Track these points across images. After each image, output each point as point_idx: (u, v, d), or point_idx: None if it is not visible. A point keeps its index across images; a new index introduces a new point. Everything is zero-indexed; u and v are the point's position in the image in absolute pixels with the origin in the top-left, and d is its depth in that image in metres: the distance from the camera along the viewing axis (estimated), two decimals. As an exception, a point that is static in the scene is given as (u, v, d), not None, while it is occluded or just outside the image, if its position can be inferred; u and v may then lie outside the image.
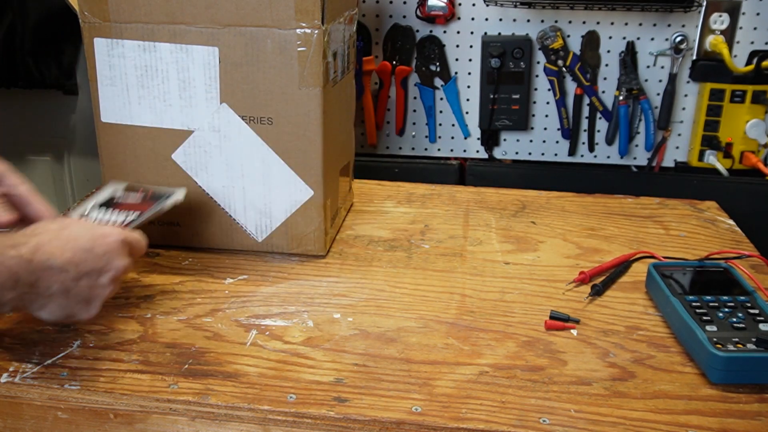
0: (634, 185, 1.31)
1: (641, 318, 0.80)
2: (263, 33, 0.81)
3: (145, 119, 0.87)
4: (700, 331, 0.70)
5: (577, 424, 0.62)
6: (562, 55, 1.32)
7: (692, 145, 1.35)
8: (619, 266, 0.90)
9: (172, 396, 0.65)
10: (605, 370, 0.70)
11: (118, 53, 0.85)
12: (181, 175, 0.89)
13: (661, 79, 1.32)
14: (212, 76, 0.84)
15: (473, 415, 0.63)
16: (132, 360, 0.70)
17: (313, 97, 0.83)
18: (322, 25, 0.80)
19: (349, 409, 0.63)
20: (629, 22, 1.30)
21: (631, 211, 1.08)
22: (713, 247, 0.96)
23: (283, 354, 0.71)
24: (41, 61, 1.45)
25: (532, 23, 1.31)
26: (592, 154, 1.39)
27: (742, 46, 1.29)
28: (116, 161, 0.90)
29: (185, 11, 0.82)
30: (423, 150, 1.42)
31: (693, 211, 1.09)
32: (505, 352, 0.73)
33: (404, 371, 0.69)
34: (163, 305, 0.80)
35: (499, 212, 1.07)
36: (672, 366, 0.71)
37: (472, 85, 1.37)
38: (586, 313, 0.80)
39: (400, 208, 1.08)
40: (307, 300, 0.82)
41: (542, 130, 1.39)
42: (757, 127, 1.29)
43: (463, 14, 1.32)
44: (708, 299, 0.76)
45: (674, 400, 0.66)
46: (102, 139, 0.90)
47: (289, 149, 0.86)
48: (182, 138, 0.87)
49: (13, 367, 0.68)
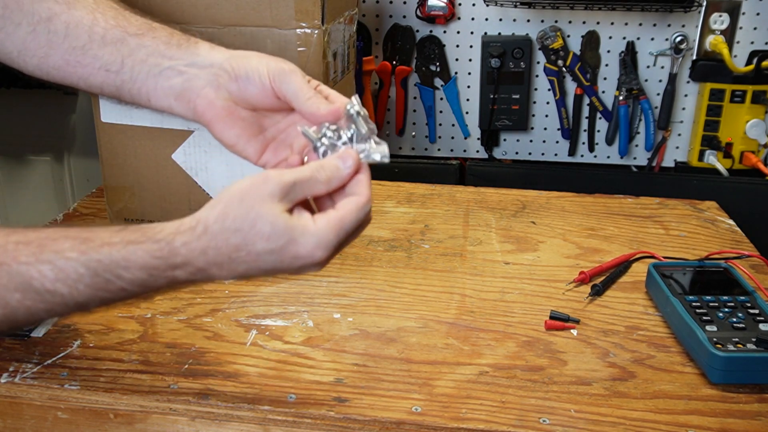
0: (634, 185, 1.31)
1: (641, 318, 0.80)
2: (263, 33, 0.81)
3: (145, 119, 0.87)
4: (700, 331, 0.70)
5: (577, 424, 0.62)
6: (562, 55, 1.31)
7: (692, 145, 1.35)
8: (619, 266, 0.90)
9: (172, 396, 0.65)
10: (605, 370, 0.70)
11: (118, 53, 0.85)
12: (181, 175, 0.89)
13: (661, 79, 1.32)
14: (212, 76, 0.83)
15: (473, 415, 0.63)
16: (132, 360, 0.70)
17: (313, 97, 0.83)
18: (322, 25, 0.80)
19: (349, 409, 0.63)
20: (629, 22, 1.30)
21: (631, 211, 1.08)
22: (713, 247, 0.96)
23: (283, 354, 0.71)
24: (41, 61, 1.45)
25: (532, 23, 1.31)
26: (592, 154, 1.39)
27: (742, 46, 1.29)
28: (116, 161, 0.90)
29: (185, 11, 0.82)
30: (423, 150, 1.42)
31: (693, 211, 1.09)
32: (505, 352, 0.73)
33: (404, 371, 0.69)
34: (163, 305, 0.80)
35: (499, 212, 1.07)
36: (672, 366, 0.71)
37: (472, 85, 1.37)
38: (586, 313, 0.80)
39: (400, 208, 1.08)
40: (307, 300, 0.82)
41: (542, 130, 1.39)
42: (757, 127, 1.29)
43: (463, 14, 1.32)
44: (708, 299, 0.76)
45: (674, 400, 0.66)
46: (102, 139, 0.90)
47: (289, 149, 0.85)
48: (182, 138, 0.87)
49: (13, 367, 0.68)
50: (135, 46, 0.62)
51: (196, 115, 0.62)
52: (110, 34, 0.62)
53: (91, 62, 0.62)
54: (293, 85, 0.59)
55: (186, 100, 0.61)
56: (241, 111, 0.61)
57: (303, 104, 0.59)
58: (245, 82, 0.60)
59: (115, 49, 0.62)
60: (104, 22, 0.63)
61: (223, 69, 0.60)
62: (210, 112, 0.61)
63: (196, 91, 0.61)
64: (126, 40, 0.62)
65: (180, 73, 0.61)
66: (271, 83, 0.59)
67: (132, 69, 0.62)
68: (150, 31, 0.63)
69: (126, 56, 0.62)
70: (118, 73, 0.62)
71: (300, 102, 0.59)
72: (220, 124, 0.61)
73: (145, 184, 0.90)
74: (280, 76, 0.59)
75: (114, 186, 0.92)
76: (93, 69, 0.63)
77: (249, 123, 0.62)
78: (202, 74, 0.61)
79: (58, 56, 0.63)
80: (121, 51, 0.62)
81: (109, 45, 0.62)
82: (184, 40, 0.63)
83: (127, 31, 0.63)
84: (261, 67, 0.59)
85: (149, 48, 0.62)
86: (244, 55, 0.61)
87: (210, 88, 0.60)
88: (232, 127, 0.61)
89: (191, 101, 0.61)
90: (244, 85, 0.60)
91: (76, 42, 0.63)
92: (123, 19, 0.63)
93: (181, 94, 0.61)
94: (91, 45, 0.62)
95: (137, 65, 0.62)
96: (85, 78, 0.64)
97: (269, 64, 0.60)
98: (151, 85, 0.62)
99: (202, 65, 0.61)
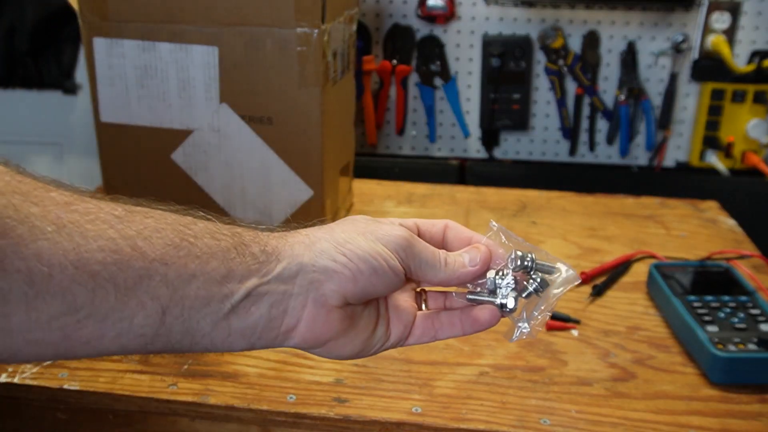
0: (634, 185, 1.30)
1: (642, 318, 0.79)
2: (263, 33, 0.81)
3: (145, 119, 0.87)
4: (701, 332, 0.70)
5: (578, 424, 0.62)
6: (562, 54, 1.31)
7: (693, 145, 1.35)
8: (620, 266, 0.89)
9: (171, 396, 0.64)
10: (606, 370, 0.70)
11: (118, 53, 0.84)
12: (180, 175, 0.88)
13: (662, 79, 1.32)
14: (212, 75, 0.83)
15: (473, 415, 0.63)
16: (131, 360, 0.70)
17: (312, 97, 0.82)
18: (322, 25, 0.80)
19: (349, 410, 0.63)
20: (630, 21, 1.29)
21: (631, 211, 1.08)
22: (714, 247, 0.96)
23: (282, 354, 0.71)
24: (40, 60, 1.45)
25: (532, 23, 1.31)
26: (592, 153, 1.39)
27: (743, 45, 1.28)
28: (116, 161, 0.90)
29: (185, 10, 0.81)
30: (423, 150, 1.42)
31: (694, 211, 1.08)
32: (505, 352, 0.72)
33: (404, 372, 0.69)
34: (163, 305, 0.80)
35: (500, 212, 1.07)
36: (673, 366, 0.71)
37: (472, 85, 1.36)
38: (586, 313, 0.80)
39: (400, 208, 1.08)
40: (307, 300, 0.81)
41: (543, 129, 1.38)
42: (758, 126, 1.29)
43: (464, 14, 1.32)
44: (709, 299, 0.76)
45: (675, 401, 0.65)
46: (102, 139, 0.89)
47: (289, 149, 0.85)
48: (182, 138, 0.87)
49: (12, 367, 0.68)
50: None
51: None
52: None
53: None
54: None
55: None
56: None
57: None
58: None
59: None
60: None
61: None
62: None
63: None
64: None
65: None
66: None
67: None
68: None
69: None
70: None
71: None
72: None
73: (145, 184, 0.90)
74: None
75: (114, 186, 0.91)
76: None
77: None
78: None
79: None
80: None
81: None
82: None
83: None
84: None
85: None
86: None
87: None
88: None
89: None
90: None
91: None
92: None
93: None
94: None
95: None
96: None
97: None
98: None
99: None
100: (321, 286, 0.41)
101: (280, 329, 0.41)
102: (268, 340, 0.42)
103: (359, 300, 0.44)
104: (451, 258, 0.46)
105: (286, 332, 0.42)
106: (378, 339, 0.46)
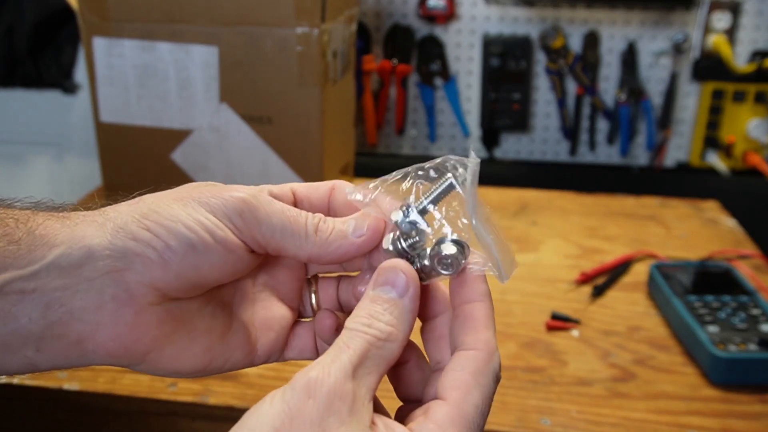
0: (635, 185, 1.30)
1: (642, 318, 0.79)
2: (263, 32, 0.81)
3: (145, 119, 0.87)
4: (701, 332, 0.69)
5: (578, 425, 0.62)
6: (563, 54, 1.31)
7: (693, 145, 1.35)
8: (620, 266, 0.89)
9: (171, 396, 0.64)
10: (606, 370, 0.70)
11: (118, 52, 0.84)
12: (180, 174, 0.88)
13: (662, 79, 1.32)
14: (212, 75, 0.83)
15: (473, 415, 0.63)
16: (131, 360, 0.70)
17: (312, 97, 0.82)
18: (322, 25, 0.80)
19: (348, 410, 0.63)
20: (630, 21, 1.29)
21: (632, 211, 1.08)
22: (715, 247, 0.96)
23: (282, 354, 0.71)
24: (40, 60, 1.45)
25: (532, 22, 1.31)
26: (593, 153, 1.38)
27: (743, 45, 1.28)
28: (116, 161, 0.90)
29: (185, 10, 0.81)
30: (423, 150, 1.42)
31: (694, 211, 1.08)
32: (505, 352, 0.72)
33: (404, 372, 0.69)
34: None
35: (500, 212, 1.07)
36: (673, 366, 0.71)
37: (472, 85, 1.36)
38: (587, 313, 0.80)
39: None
40: (307, 300, 0.81)
41: (543, 129, 1.38)
42: (759, 126, 1.29)
43: (464, 13, 1.32)
44: (709, 299, 0.75)
45: (675, 401, 0.65)
46: (101, 138, 0.89)
47: (289, 148, 0.85)
48: (182, 137, 0.87)
49: (11, 367, 0.68)
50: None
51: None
52: None
53: None
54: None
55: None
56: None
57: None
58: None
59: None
60: None
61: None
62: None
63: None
64: None
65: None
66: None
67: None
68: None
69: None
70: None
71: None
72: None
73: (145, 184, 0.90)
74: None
75: (114, 186, 0.91)
76: None
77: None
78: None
79: None
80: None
81: None
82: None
83: None
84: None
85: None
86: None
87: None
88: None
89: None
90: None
91: None
92: None
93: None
94: None
95: None
96: None
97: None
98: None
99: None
100: (121, 276, 0.30)
101: (70, 339, 0.30)
102: (55, 354, 0.30)
103: (182, 291, 0.32)
104: (326, 225, 0.34)
105: (79, 342, 0.30)
106: (233, 349, 0.34)
